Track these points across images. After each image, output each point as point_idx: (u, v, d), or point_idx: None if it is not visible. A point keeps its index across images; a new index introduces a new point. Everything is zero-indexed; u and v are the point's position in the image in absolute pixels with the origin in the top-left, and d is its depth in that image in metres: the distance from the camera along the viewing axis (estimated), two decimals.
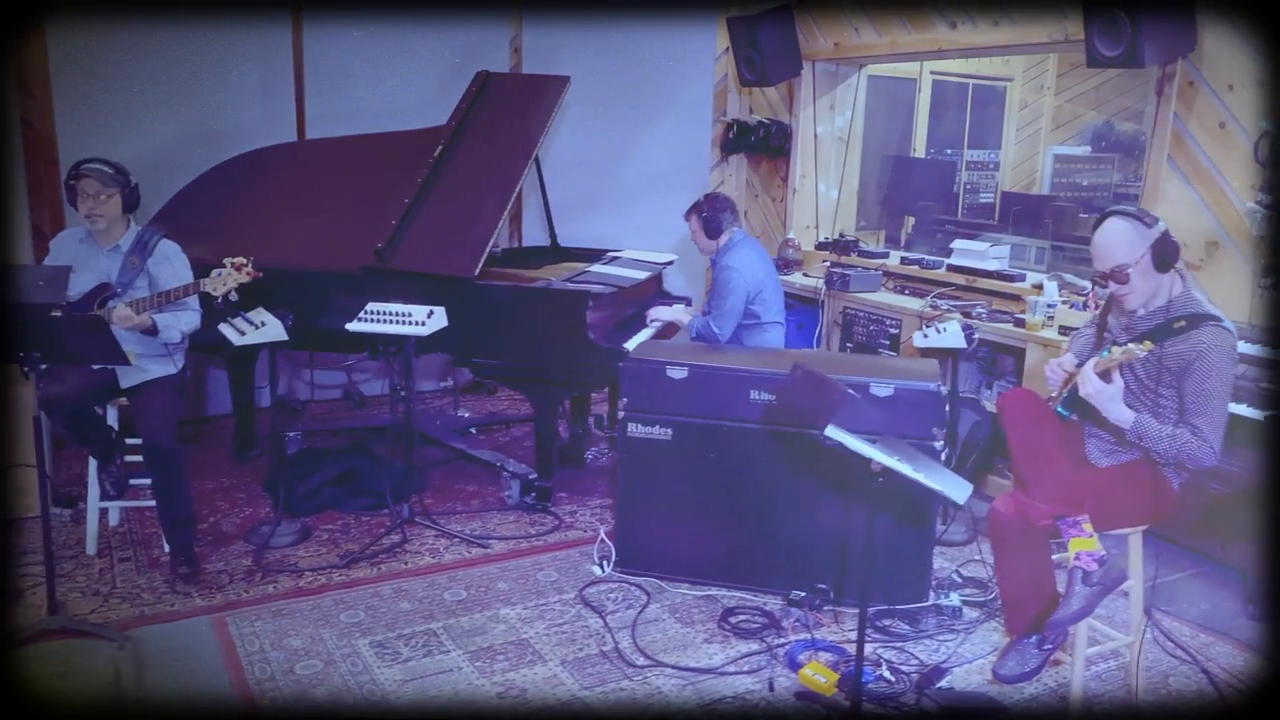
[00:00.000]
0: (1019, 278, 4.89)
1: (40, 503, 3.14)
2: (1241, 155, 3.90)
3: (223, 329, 3.65)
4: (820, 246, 6.08)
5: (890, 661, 3.17)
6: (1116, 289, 2.74)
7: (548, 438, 4.34)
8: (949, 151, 7.75)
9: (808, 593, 3.49)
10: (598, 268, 4.82)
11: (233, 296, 3.54)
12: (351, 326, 3.89)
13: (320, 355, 5.69)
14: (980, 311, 4.69)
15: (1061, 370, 2.77)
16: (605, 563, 3.80)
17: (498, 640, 3.29)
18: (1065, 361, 2.81)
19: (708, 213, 4.48)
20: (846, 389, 2.73)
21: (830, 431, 2.53)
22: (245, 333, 3.66)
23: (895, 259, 5.61)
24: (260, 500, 4.37)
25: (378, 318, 3.87)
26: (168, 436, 3.55)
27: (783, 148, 6.31)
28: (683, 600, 3.60)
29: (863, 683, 2.92)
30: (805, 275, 5.87)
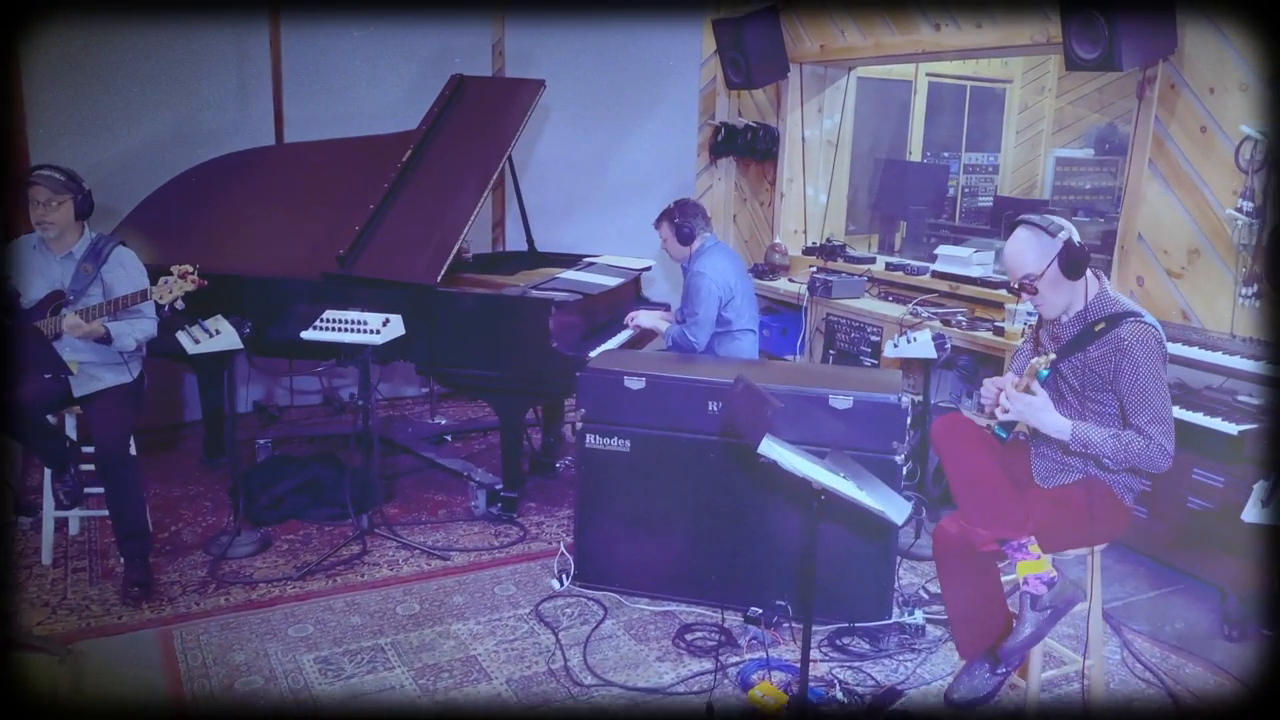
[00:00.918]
0: (1001, 285, 4.77)
1: None
2: (1223, 160, 3.78)
3: (179, 337, 3.62)
4: (808, 252, 5.99)
5: (845, 682, 3.08)
6: (1028, 299, 2.69)
7: (513, 448, 4.27)
8: (945, 155, 7.63)
9: (766, 610, 3.40)
10: (570, 274, 4.74)
11: (179, 305, 3.50)
12: (306, 335, 3.83)
13: (299, 361, 5.64)
14: (960, 320, 4.59)
15: (995, 389, 2.65)
16: (565, 576, 3.73)
17: (444, 657, 3.22)
18: (1003, 381, 2.69)
19: (679, 219, 4.36)
20: (778, 404, 2.64)
21: (764, 448, 2.45)
22: (200, 341, 3.63)
23: (881, 265, 5.50)
24: (225, 509, 4.32)
25: (333, 326, 3.81)
26: (120, 446, 3.50)
27: (771, 151, 6.22)
28: (639, 616, 3.52)
29: (811, 705, 2.83)
30: (790, 280, 5.78)
